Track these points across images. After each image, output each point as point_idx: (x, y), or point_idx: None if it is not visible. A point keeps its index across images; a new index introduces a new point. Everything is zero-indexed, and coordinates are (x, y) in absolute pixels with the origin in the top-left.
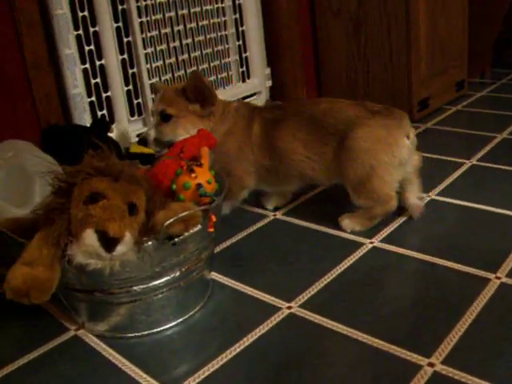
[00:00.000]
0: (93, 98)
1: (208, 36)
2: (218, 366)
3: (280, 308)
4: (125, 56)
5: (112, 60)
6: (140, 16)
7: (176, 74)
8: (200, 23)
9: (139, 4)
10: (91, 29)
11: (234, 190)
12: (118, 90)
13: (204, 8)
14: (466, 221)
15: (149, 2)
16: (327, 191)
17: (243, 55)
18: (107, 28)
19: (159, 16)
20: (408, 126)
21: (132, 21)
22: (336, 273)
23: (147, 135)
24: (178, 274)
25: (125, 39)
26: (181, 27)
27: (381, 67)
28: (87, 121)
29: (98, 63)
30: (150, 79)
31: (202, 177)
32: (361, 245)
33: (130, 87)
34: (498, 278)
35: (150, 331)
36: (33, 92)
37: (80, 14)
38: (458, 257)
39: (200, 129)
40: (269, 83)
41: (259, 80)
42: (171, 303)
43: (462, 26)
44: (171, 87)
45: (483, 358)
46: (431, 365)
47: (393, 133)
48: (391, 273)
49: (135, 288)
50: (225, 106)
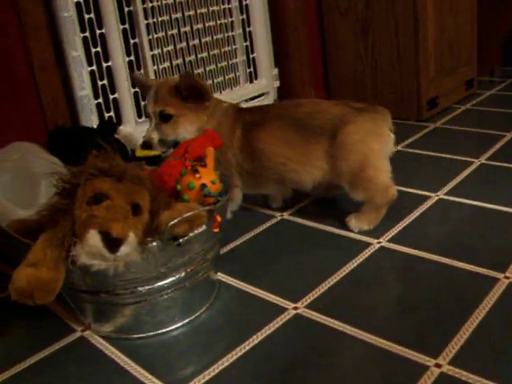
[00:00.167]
0: (100, 100)
1: (215, 37)
2: (224, 367)
3: (286, 308)
4: (132, 58)
5: (119, 62)
6: (146, 17)
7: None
8: (207, 24)
9: (145, 6)
10: (98, 31)
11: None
12: (125, 92)
13: (211, 9)
14: (475, 220)
15: (155, 4)
16: None
17: (250, 56)
18: (114, 30)
19: (166, 17)
20: (390, 122)
21: (138, 22)
22: (343, 273)
23: (151, 139)
24: (184, 275)
25: (131, 41)
26: (187, 28)
27: (389, 67)
28: (94, 123)
29: (105, 65)
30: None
31: (207, 177)
32: (368, 245)
33: (137, 89)
34: (507, 278)
35: (156, 332)
36: (40, 94)
37: (86, 16)
38: (466, 256)
39: (206, 129)
40: (277, 84)
41: (267, 80)
42: (177, 304)
43: (471, 25)
44: (161, 86)
45: (491, 359)
46: (438, 365)
47: (380, 125)
48: (398, 273)
49: (140, 289)
50: (216, 103)
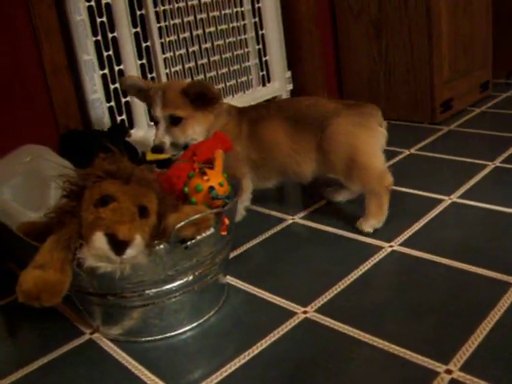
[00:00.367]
0: (112, 103)
1: (227, 40)
2: (232, 371)
3: (296, 312)
4: (143, 61)
5: (131, 65)
6: (158, 21)
7: (195, 79)
8: (219, 27)
9: (157, 9)
10: (110, 34)
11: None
12: None
13: (223, 12)
14: (489, 224)
15: (167, 7)
16: None
17: (263, 59)
18: (126, 33)
19: (178, 20)
20: (380, 117)
21: (150, 25)
22: (354, 277)
23: (163, 143)
24: (192, 278)
25: (143, 44)
26: (200, 31)
27: (402, 69)
28: (106, 126)
29: (117, 68)
30: None
31: (214, 179)
32: (380, 248)
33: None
34: None
35: (164, 335)
36: (52, 97)
37: (98, 20)
38: (479, 261)
39: (215, 132)
40: (290, 86)
41: (280, 83)
42: (185, 307)
43: (486, 26)
44: (167, 89)
45: (502, 366)
46: (449, 372)
47: (368, 119)
48: (410, 277)
49: (148, 292)
50: (218, 104)
